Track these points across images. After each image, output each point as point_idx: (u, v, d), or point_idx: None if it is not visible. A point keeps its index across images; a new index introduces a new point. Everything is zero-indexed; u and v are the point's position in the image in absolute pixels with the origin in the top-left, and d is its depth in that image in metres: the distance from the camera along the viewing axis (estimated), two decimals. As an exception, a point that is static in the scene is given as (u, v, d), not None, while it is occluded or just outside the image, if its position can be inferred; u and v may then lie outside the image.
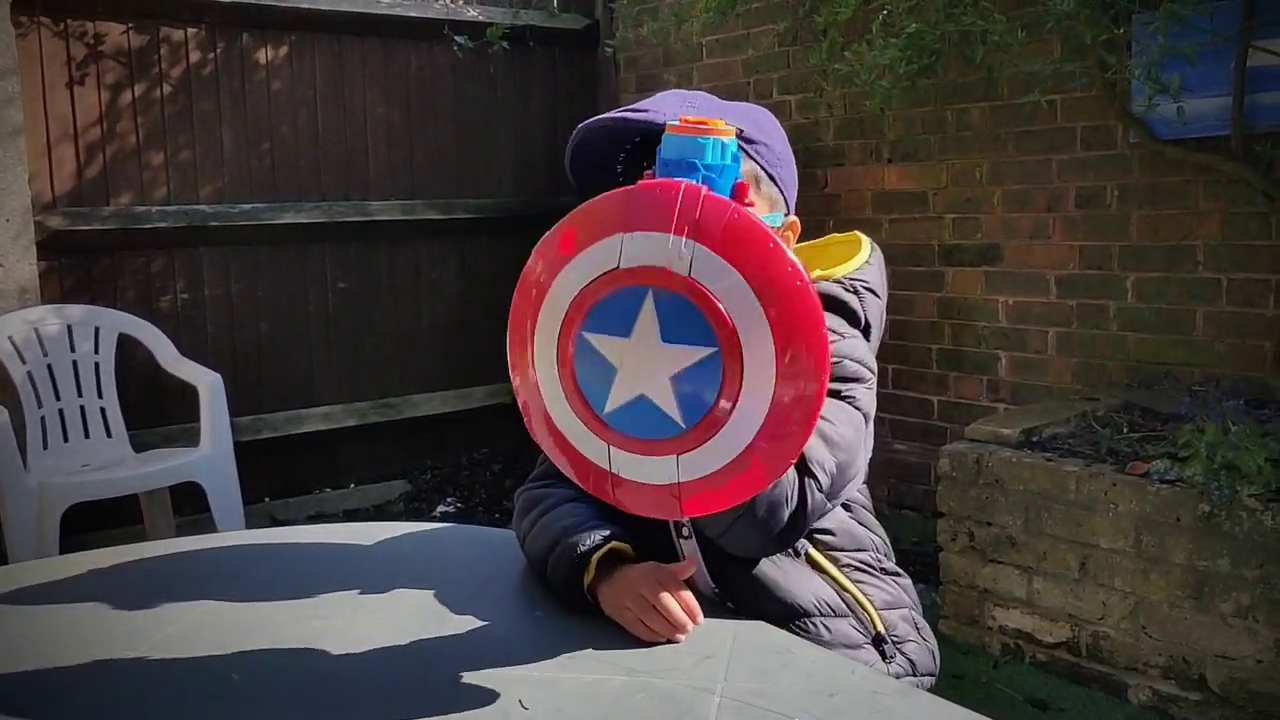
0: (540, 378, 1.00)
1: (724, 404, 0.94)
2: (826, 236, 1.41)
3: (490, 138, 4.76)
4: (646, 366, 0.95)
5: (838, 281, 1.31)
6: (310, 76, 4.32)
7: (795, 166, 1.32)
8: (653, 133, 1.17)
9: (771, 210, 1.25)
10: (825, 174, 4.13)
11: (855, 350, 1.25)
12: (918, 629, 1.36)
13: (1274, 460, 2.44)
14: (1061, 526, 2.71)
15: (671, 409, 0.95)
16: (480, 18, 4.55)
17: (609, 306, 0.95)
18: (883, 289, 1.36)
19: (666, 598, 1.11)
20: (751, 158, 1.21)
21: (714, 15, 3.77)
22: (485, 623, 1.09)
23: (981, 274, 3.74)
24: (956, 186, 3.78)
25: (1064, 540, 2.71)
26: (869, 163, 4.02)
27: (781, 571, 1.25)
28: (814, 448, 1.14)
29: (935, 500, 2.98)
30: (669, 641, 1.07)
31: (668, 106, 1.20)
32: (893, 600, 1.35)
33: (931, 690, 1.19)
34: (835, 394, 1.20)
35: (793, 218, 1.30)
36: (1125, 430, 2.89)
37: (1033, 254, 3.60)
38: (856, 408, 1.22)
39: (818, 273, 1.30)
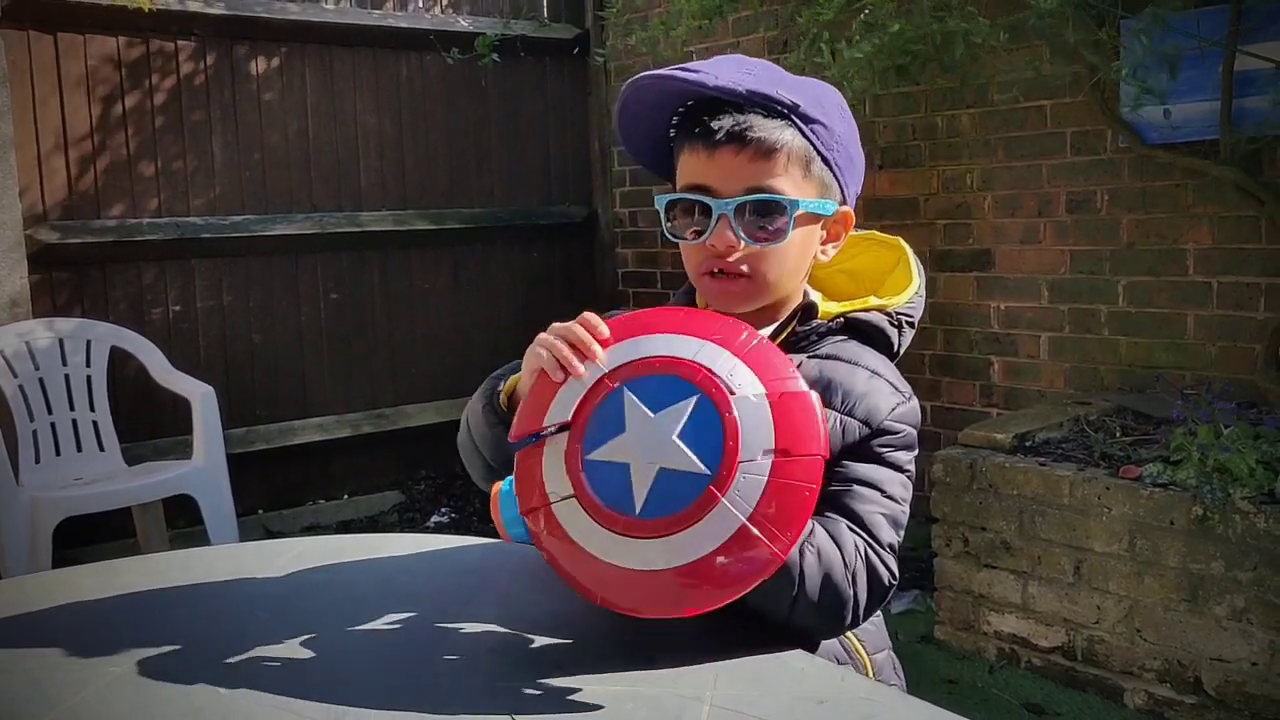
0: (560, 515, 1.00)
1: (730, 442, 0.97)
2: (866, 233, 1.31)
3: (481, 147, 4.77)
4: (652, 443, 0.98)
5: (886, 314, 1.24)
6: (301, 87, 4.32)
7: (862, 157, 1.23)
8: (701, 96, 1.13)
9: (822, 196, 1.16)
10: (816, 181, 4.13)
11: (913, 414, 1.22)
12: (895, 669, 1.32)
13: (1266, 462, 2.45)
14: (1055, 531, 2.71)
15: (692, 462, 0.97)
16: (471, 28, 4.56)
17: (597, 419, 1.00)
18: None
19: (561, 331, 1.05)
20: (806, 136, 1.13)
21: (701, 21, 3.77)
22: (474, 635, 1.09)
23: (973, 279, 3.75)
24: (947, 193, 3.79)
25: (1058, 544, 2.72)
26: (860, 169, 4.03)
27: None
28: (880, 527, 1.11)
29: (929, 506, 2.98)
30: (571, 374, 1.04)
31: (723, 71, 1.13)
32: (880, 642, 1.30)
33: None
34: (897, 466, 1.19)
35: (846, 208, 1.22)
36: (1118, 434, 2.89)
37: (1024, 259, 3.61)
38: (910, 478, 1.20)
39: (875, 302, 1.24)
